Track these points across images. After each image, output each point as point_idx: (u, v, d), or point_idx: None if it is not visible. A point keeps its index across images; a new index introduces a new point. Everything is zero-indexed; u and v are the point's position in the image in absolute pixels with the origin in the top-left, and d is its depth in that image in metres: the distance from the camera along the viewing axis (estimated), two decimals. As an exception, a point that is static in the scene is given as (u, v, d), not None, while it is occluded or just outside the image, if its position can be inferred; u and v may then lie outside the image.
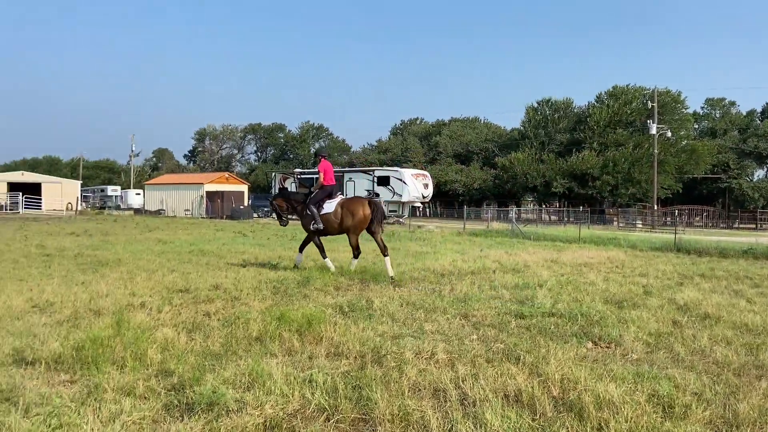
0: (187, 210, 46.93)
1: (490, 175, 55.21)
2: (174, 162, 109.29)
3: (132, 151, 78.39)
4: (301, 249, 11.58)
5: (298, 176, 43.52)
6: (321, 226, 10.90)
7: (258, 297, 7.92)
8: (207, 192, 45.99)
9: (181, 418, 3.68)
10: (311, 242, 11.43)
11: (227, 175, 50.80)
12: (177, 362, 4.67)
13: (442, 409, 3.93)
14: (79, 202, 53.83)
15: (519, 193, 57.30)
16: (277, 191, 44.43)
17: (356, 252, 10.92)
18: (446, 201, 60.85)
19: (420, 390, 4.31)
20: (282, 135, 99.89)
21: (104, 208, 61.23)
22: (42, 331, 5.69)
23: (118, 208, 62.10)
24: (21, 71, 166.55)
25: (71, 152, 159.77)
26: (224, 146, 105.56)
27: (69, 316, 6.56)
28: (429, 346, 5.41)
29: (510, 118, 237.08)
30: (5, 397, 3.92)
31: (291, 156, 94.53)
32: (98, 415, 3.61)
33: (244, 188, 49.64)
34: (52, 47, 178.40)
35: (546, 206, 58.56)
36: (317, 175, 11.34)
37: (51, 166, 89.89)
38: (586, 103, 56.04)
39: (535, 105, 58.39)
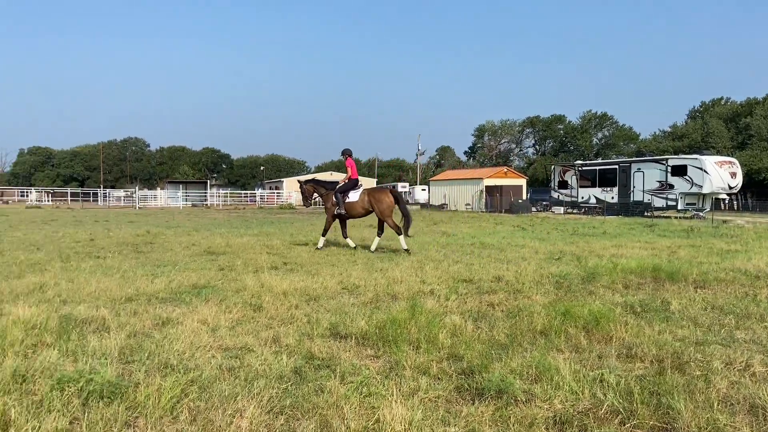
0: (468, 204, 48.81)
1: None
2: (455, 159, 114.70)
3: (418, 150, 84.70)
4: (344, 236, 13.98)
5: (580, 168, 41.75)
6: (343, 211, 13.47)
7: (540, 291, 7.83)
8: (486, 186, 47.16)
9: (471, 402, 3.84)
10: (344, 222, 13.97)
11: (506, 170, 51.33)
12: (465, 348, 4.88)
13: (761, 430, 3.37)
14: (375, 198, 60.07)
15: None
16: (556, 184, 43.46)
17: (398, 230, 13.24)
18: (760, 192, 51.96)
19: (732, 404, 3.76)
20: (561, 126, 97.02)
21: (395, 203, 67.26)
22: (351, 311, 6.49)
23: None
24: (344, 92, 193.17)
25: (368, 153, 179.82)
26: (502, 141, 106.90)
27: (371, 298, 7.37)
28: (742, 357, 4.69)
29: None
30: (326, 364, 4.57)
31: (571, 147, 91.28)
32: (400, 389, 3.98)
33: (522, 182, 49.60)
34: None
35: None
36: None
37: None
38: None
39: None
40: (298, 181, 15.20)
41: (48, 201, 64.75)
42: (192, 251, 12.84)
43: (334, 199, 13.61)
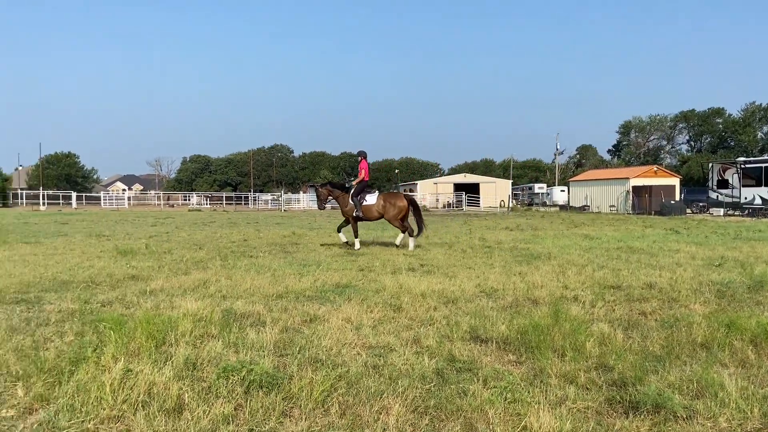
0: (612, 206, 46.16)
1: None
2: (597, 158, 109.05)
3: (557, 149, 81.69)
4: (339, 230, 14.74)
5: (743, 165, 37.82)
6: (361, 214, 13.92)
7: (699, 300, 7.20)
8: (633, 187, 44.32)
9: (625, 415, 3.63)
10: (348, 224, 14.48)
11: (655, 168, 47.85)
12: (616, 358, 4.62)
13: None
14: (510, 199, 58.92)
15: None
16: (714, 184, 39.70)
17: (410, 231, 13.86)
18: None
19: None
20: (720, 120, 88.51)
21: (532, 204, 65.52)
22: (490, 314, 6.41)
23: (544, 204, 65.56)
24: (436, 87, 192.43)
25: (503, 154, 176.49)
26: (651, 138, 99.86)
27: (511, 302, 7.22)
28: None
29: None
30: (467, 367, 4.56)
31: (732, 143, 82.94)
32: (546, 397, 3.86)
33: (674, 182, 45.95)
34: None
35: None
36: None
37: (487, 168, 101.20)
38: None
39: None
40: (314, 185, 15.86)
41: (206, 204, 71.11)
42: (333, 252, 13.41)
43: (351, 202, 14.10)
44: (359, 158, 14.80)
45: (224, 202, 72.48)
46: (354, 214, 14.14)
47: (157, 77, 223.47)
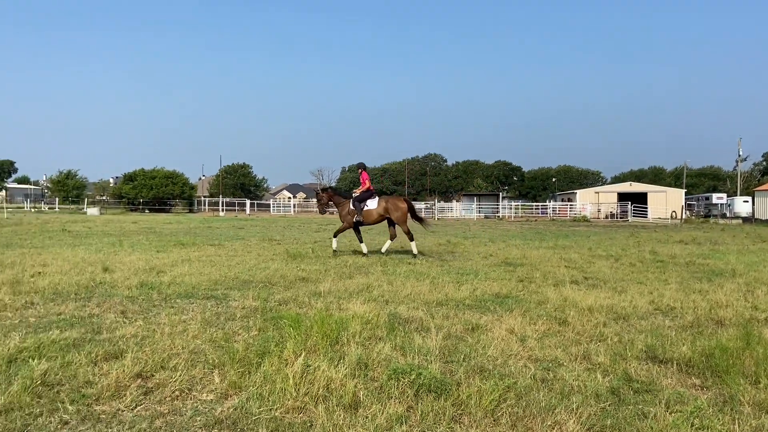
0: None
1: None
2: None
3: (739, 156, 73.47)
4: (335, 235, 14.90)
5: None
6: (361, 218, 14.37)
7: None
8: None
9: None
10: (348, 230, 15.04)
11: None
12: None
13: None
14: (683, 210, 54.04)
15: None
16: None
17: (410, 236, 14.61)
18: None
19: None
20: None
21: (709, 216, 59.50)
22: (668, 334, 5.94)
23: (723, 216, 59.21)
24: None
25: (675, 161, 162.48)
26: None
27: (691, 322, 6.63)
28: None
29: None
30: (645, 388, 4.27)
31: None
32: (740, 427, 3.50)
33: None
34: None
35: None
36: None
37: (656, 176, 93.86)
38: None
39: None
40: (315, 190, 15.85)
41: (363, 212, 74.01)
42: (490, 261, 13.28)
43: (352, 207, 14.48)
44: (359, 170, 15.37)
45: (380, 210, 74.87)
46: (355, 219, 14.51)
47: (319, 96, 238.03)
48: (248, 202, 70.46)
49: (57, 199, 74.10)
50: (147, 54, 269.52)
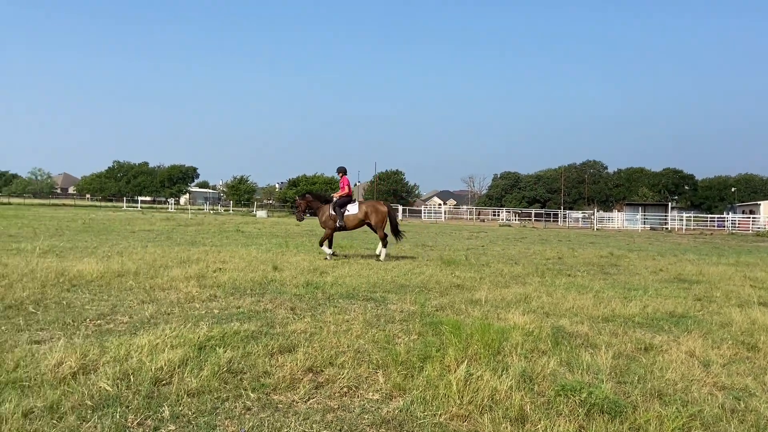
0: None
1: None
2: None
3: None
4: (321, 244, 14.34)
5: None
6: (343, 223, 14.12)
7: None
8: None
9: None
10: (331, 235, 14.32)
11: None
12: None
13: None
14: None
15: None
16: None
17: (384, 241, 14.30)
18: None
19: None
20: None
21: None
22: None
23: None
24: None
25: None
26: None
27: None
28: None
29: None
30: None
31: None
32: None
33: None
34: None
35: None
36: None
37: None
38: None
39: None
40: (295, 196, 14.79)
41: (515, 220, 72.37)
42: (660, 277, 12.27)
43: (332, 212, 14.27)
44: (339, 175, 14.96)
45: (533, 218, 72.81)
46: (337, 225, 14.22)
47: (468, 102, 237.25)
48: (400, 207, 72.15)
49: (231, 201, 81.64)
50: (339, 61, 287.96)
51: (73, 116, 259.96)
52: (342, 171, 14.88)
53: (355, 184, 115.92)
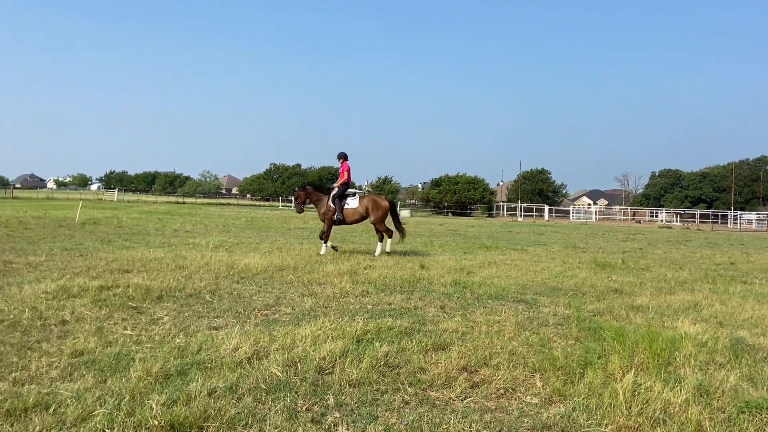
0: None
1: None
2: None
3: None
4: (321, 237, 13.65)
5: None
6: (342, 217, 13.49)
7: None
8: None
9: None
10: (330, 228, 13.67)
11: None
12: None
13: None
14: None
15: None
16: None
17: (389, 234, 13.71)
18: None
19: None
20: None
21: None
22: None
23: None
24: None
25: None
26: None
27: None
28: None
29: None
30: None
31: None
32: None
33: None
34: None
35: None
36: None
37: None
38: None
39: None
40: (295, 188, 12.90)
41: (677, 222, 66.73)
42: None
43: (332, 205, 13.54)
44: (340, 160, 13.99)
45: (698, 219, 66.64)
46: (335, 218, 13.48)
47: (621, 96, 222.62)
48: (546, 208, 69.68)
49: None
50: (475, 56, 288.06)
51: (235, 122, 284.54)
52: (342, 157, 13.94)
53: (498, 184, 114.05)
